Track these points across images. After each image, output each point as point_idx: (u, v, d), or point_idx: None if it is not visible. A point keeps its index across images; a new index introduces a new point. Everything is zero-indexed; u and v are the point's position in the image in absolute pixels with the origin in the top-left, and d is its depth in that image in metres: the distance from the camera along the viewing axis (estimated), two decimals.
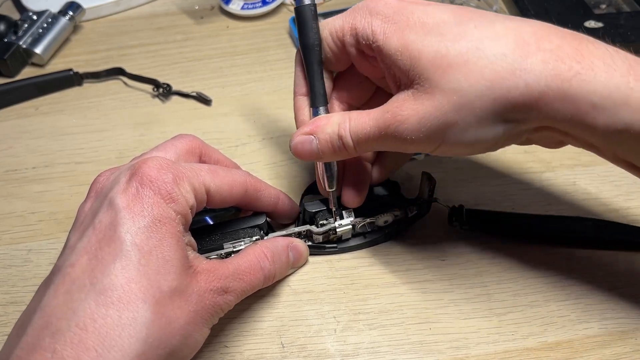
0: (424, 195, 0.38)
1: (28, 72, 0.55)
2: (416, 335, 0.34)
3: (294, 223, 0.40)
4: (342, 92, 0.36)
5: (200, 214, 0.36)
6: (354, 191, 0.36)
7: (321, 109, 0.34)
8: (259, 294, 0.35)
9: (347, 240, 0.38)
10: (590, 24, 0.55)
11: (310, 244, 0.38)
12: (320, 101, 0.34)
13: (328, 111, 0.34)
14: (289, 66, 0.55)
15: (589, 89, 0.25)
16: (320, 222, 0.37)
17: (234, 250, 0.34)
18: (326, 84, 0.35)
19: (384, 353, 0.33)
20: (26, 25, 0.56)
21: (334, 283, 0.37)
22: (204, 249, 0.34)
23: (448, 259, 0.38)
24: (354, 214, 0.37)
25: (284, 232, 0.37)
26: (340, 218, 0.37)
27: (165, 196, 0.28)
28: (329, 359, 0.33)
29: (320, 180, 0.36)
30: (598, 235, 0.38)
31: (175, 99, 0.52)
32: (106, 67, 0.54)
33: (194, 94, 0.51)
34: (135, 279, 0.26)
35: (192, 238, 0.30)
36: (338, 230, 0.37)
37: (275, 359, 0.33)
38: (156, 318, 0.26)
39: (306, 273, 0.37)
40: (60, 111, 0.51)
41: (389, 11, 0.30)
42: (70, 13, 0.57)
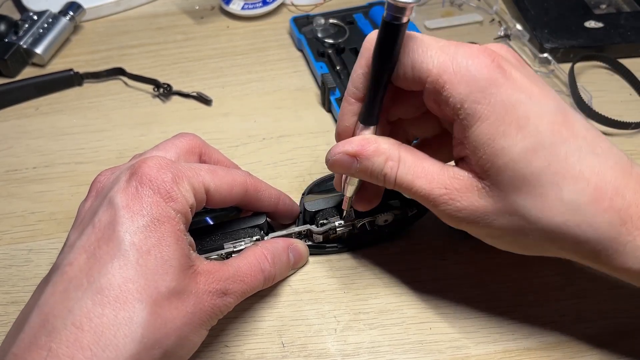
0: None
1: (28, 72, 0.55)
2: (416, 335, 0.34)
3: (294, 223, 0.40)
4: (398, 108, 0.32)
5: (200, 214, 0.36)
6: (369, 200, 0.35)
7: (370, 128, 0.31)
8: (260, 294, 0.35)
9: (348, 239, 0.38)
10: (590, 24, 0.55)
11: (310, 243, 0.38)
12: (371, 121, 0.31)
13: (375, 133, 0.31)
14: (289, 66, 0.55)
15: (635, 252, 0.27)
16: (321, 222, 0.37)
17: (234, 250, 0.34)
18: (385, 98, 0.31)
19: (384, 353, 0.33)
20: (27, 25, 0.56)
21: (334, 283, 0.37)
22: (204, 249, 0.34)
23: (448, 259, 0.38)
24: (354, 213, 0.37)
25: (284, 232, 0.37)
26: (346, 219, 0.37)
27: (164, 195, 0.28)
28: (329, 358, 0.33)
29: (340, 184, 0.35)
30: None
31: (176, 99, 0.52)
32: (106, 67, 0.54)
33: (194, 94, 0.51)
34: (132, 279, 0.26)
35: (192, 238, 0.30)
36: (338, 230, 0.37)
37: (276, 358, 0.33)
38: (152, 318, 0.26)
39: (306, 273, 0.37)
40: (61, 111, 0.51)
41: (487, 87, 0.27)
42: (71, 13, 0.57)
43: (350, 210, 0.37)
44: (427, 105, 0.30)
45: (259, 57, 0.56)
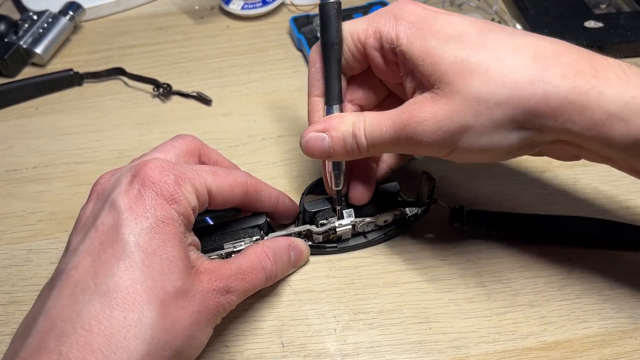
0: (423, 196, 0.38)
1: (28, 72, 0.55)
2: (416, 334, 0.34)
3: (294, 223, 0.40)
4: (354, 94, 0.36)
5: (200, 214, 0.36)
6: (362, 188, 0.36)
7: (335, 107, 0.34)
8: (259, 294, 0.35)
9: (347, 240, 0.38)
10: (590, 24, 0.55)
11: (310, 243, 0.38)
12: (335, 99, 0.34)
13: (342, 110, 0.34)
14: (289, 66, 0.55)
15: (605, 100, 0.26)
16: (320, 222, 0.37)
17: (234, 250, 0.35)
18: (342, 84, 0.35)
19: (383, 352, 0.33)
20: (26, 25, 0.56)
21: (334, 283, 0.37)
22: (204, 249, 0.34)
23: (448, 259, 0.38)
24: (354, 213, 0.37)
25: (284, 232, 0.37)
26: (340, 218, 0.37)
27: (167, 197, 0.28)
28: (329, 358, 0.33)
29: (327, 179, 0.36)
30: (598, 235, 0.38)
31: (176, 99, 0.52)
32: (106, 67, 0.54)
33: (194, 94, 0.51)
34: (139, 280, 0.26)
35: (196, 237, 0.30)
36: (338, 230, 0.37)
37: (276, 358, 0.33)
38: (161, 319, 0.26)
39: (306, 273, 0.37)
40: (61, 111, 0.51)
41: (413, 17, 0.31)
42: (71, 13, 0.57)
43: (350, 210, 0.37)
44: (377, 73, 0.34)
45: (259, 57, 0.56)
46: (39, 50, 0.55)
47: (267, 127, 0.48)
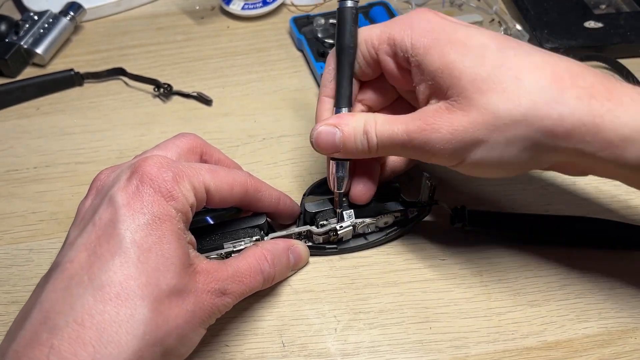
0: (424, 197, 0.38)
1: (29, 72, 0.55)
2: (416, 334, 0.34)
3: (295, 223, 0.40)
4: (364, 95, 0.37)
5: (200, 214, 0.36)
6: (364, 188, 0.36)
7: (344, 109, 0.34)
8: (260, 294, 0.35)
9: (348, 241, 0.38)
10: (590, 24, 0.55)
11: (310, 244, 0.38)
12: (345, 102, 0.34)
13: None
14: (290, 66, 0.55)
15: (619, 123, 0.27)
16: (321, 223, 0.37)
17: (234, 250, 0.35)
18: (353, 89, 0.35)
19: (384, 352, 0.33)
20: (27, 25, 0.56)
21: (334, 282, 0.37)
22: (204, 249, 0.34)
23: (448, 259, 0.38)
24: (354, 215, 0.37)
25: (284, 233, 0.37)
26: (341, 220, 0.37)
27: (165, 194, 0.28)
28: (329, 358, 0.33)
29: (330, 180, 0.36)
30: (598, 235, 0.38)
31: (176, 99, 0.52)
32: (107, 67, 0.54)
33: (195, 94, 0.51)
34: (133, 276, 0.26)
35: (193, 236, 0.30)
36: (339, 232, 0.37)
37: (276, 358, 0.33)
38: (154, 315, 0.26)
39: (307, 272, 0.37)
40: (61, 111, 0.51)
41: (430, 27, 0.31)
42: (71, 13, 0.57)
43: (351, 211, 0.37)
44: (389, 79, 0.35)
45: (259, 57, 0.56)
46: (39, 50, 0.55)
47: (268, 127, 0.48)
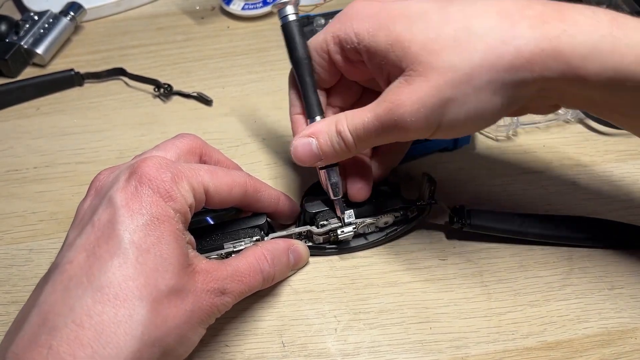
0: (424, 197, 0.38)
1: (29, 72, 0.55)
2: (416, 334, 0.34)
3: (295, 223, 0.40)
4: (333, 100, 0.38)
5: (200, 214, 0.36)
6: (359, 184, 0.36)
7: (317, 119, 0.35)
8: (260, 294, 0.35)
9: (348, 241, 0.38)
10: None
11: (310, 244, 0.38)
12: (316, 111, 0.35)
13: None
14: (290, 66, 0.54)
15: (576, 42, 0.27)
16: (321, 223, 0.37)
17: (234, 250, 0.35)
18: (320, 99, 0.36)
19: (384, 352, 0.33)
20: (27, 25, 0.56)
21: (334, 282, 0.37)
22: (204, 249, 0.34)
23: (448, 259, 0.38)
24: (354, 215, 0.37)
25: (284, 233, 0.37)
26: (345, 225, 0.37)
27: (163, 195, 0.28)
28: (329, 358, 0.33)
29: (326, 189, 0.36)
30: (598, 235, 0.38)
31: (176, 99, 0.52)
32: (107, 68, 0.54)
33: (195, 94, 0.51)
34: (132, 277, 0.26)
35: (192, 237, 0.30)
36: (340, 237, 0.37)
37: (276, 358, 0.33)
38: (152, 316, 0.26)
39: (307, 272, 0.37)
40: (61, 111, 0.51)
41: (369, 11, 0.31)
42: (72, 13, 0.57)
43: (350, 212, 0.37)
44: (347, 75, 0.35)
45: (259, 58, 0.56)
46: (40, 50, 0.55)
47: (268, 127, 0.48)
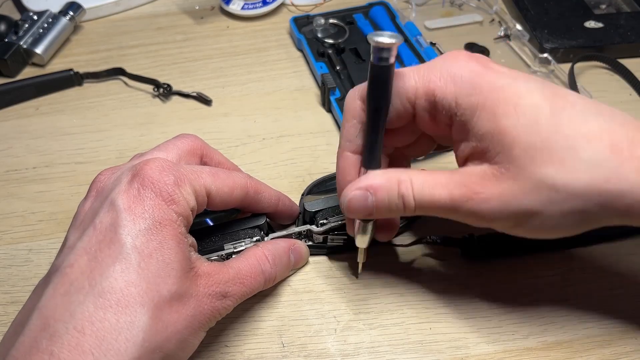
0: None
1: (28, 72, 0.55)
2: (416, 335, 0.34)
3: (294, 223, 0.40)
4: (389, 140, 0.33)
5: (200, 215, 0.36)
6: (388, 232, 0.35)
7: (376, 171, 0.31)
8: (260, 294, 0.35)
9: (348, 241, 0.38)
10: (590, 24, 0.55)
11: (310, 243, 0.38)
12: (375, 165, 0.31)
13: None
14: (289, 66, 0.55)
15: None
16: (320, 222, 0.37)
17: (235, 251, 0.34)
18: None
19: (384, 352, 0.33)
20: (27, 25, 0.56)
21: (334, 283, 0.37)
22: (204, 250, 0.34)
23: (448, 259, 0.38)
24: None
25: (284, 232, 0.37)
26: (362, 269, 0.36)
27: (166, 198, 0.28)
28: (329, 358, 0.33)
29: (354, 235, 0.34)
30: (598, 234, 0.38)
31: (176, 99, 0.52)
32: (106, 67, 0.54)
33: (194, 94, 0.51)
34: (134, 283, 0.26)
35: (194, 239, 0.30)
36: (335, 242, 0.37)
37: (276, 358, 0.33)
38: (153, 322, 0.26)
39: (306, 273, 0.37)
40: (61, 111, 0.51)
41: (475, 80, 0.28)
42: (71, 13, 0.57)
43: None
44: (421, 127, 0.31)
45: (259, 57, 0.56)
46: (39, 50, 0.55)
47: (268, 127, 0.48)
